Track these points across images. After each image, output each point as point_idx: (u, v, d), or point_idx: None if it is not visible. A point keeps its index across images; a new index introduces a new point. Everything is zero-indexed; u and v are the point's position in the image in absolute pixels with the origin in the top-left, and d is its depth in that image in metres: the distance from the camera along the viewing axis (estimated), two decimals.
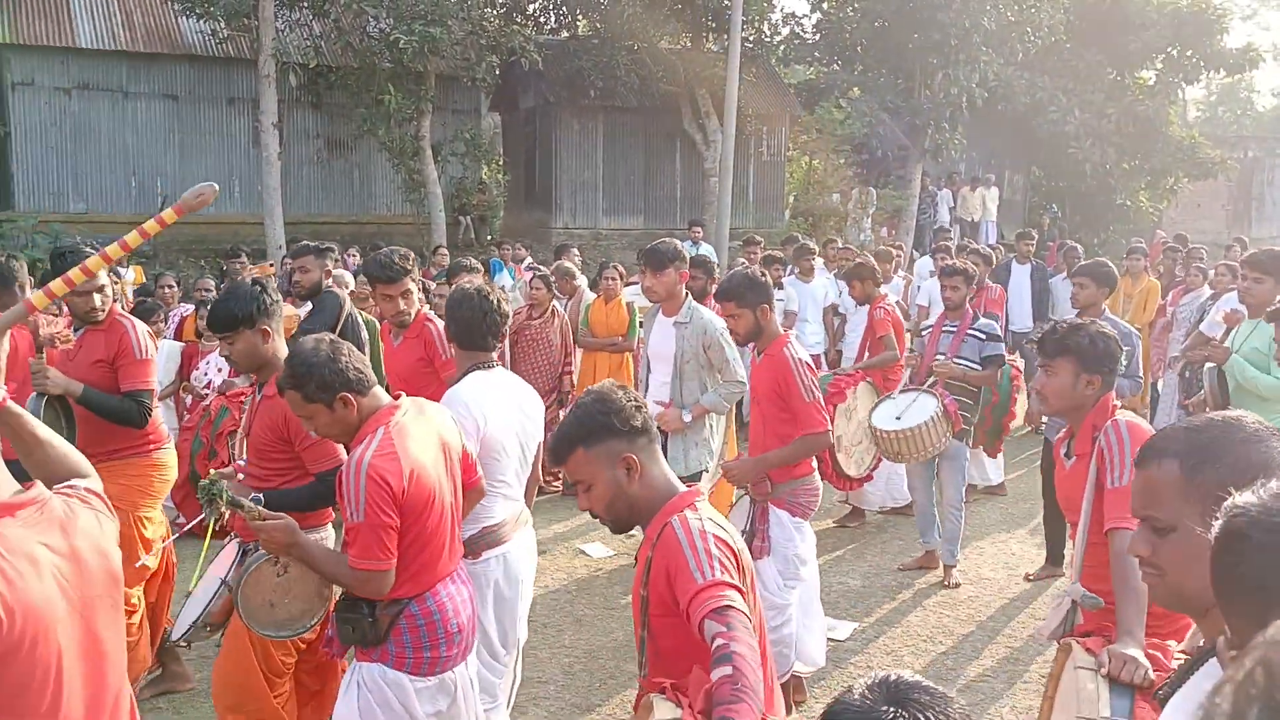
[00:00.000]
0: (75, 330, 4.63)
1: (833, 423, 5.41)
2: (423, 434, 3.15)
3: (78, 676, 1.91)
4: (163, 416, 7.11)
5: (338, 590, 3.29)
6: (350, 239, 15.19)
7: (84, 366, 4.45)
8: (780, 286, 9.30)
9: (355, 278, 8.50)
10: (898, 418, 6.09)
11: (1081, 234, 22.96)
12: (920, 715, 1.45)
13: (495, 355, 4.04)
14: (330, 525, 3.77)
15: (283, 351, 3.76)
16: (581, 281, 9.18)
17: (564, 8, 21.36)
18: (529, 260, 13.20)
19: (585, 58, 19.72)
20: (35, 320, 4.79)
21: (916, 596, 6.28)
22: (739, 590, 2.24)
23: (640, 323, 7.89)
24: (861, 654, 5.46)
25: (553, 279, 8.96)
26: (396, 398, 3.20)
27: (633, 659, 2.97)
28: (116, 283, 8.53)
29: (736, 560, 2.35)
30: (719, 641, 2.07)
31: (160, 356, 7.46)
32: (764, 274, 4.67)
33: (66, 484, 2.12)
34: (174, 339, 7.82)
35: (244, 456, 3.89)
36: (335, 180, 20.14)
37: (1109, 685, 2.53)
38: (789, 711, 4.71)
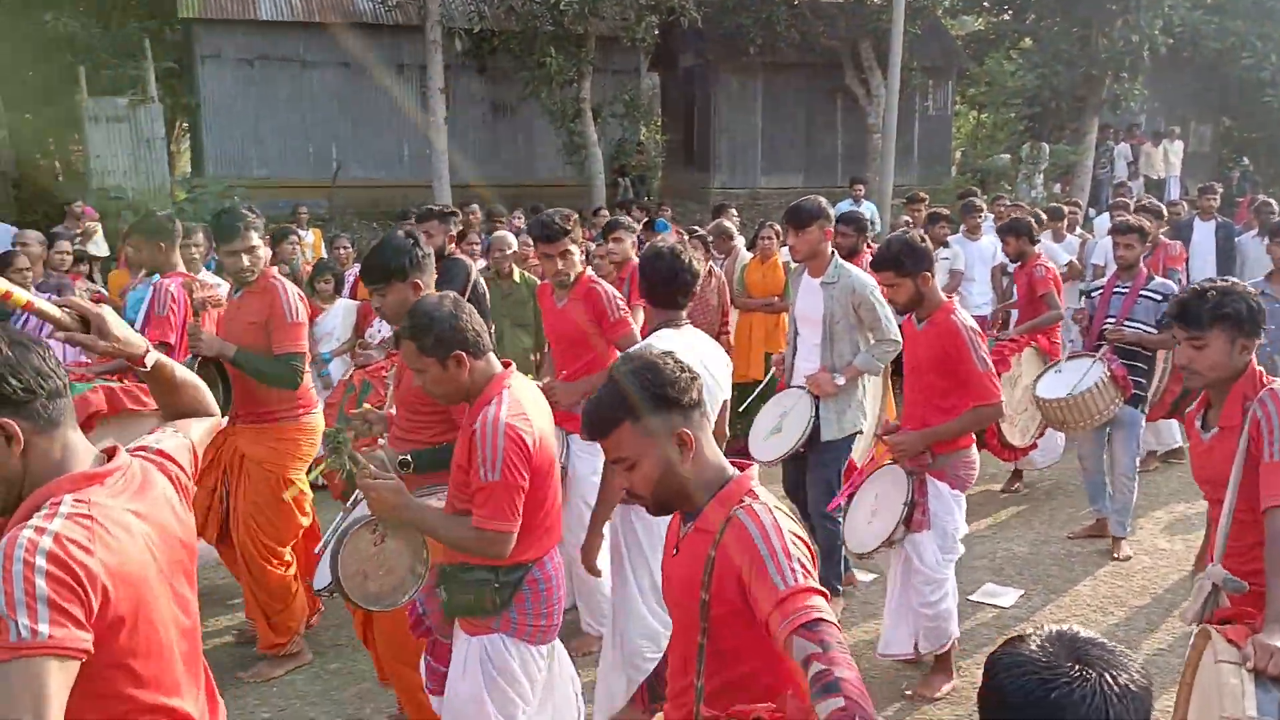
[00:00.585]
0: (235, 292, 4.76)
1: None
2: (537, 401, 3.13)
3: (174, 638, 1.99)
4: (338, 370, 7.49)
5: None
6: (514, 201, 15.50)
7: (240, 327, 4.54)
8: (946, 245, 9.04)
9: (518, 238, 8.70)
10: (1062, 386, 5.86)
11: (1276, 189, 21.45)
12: (1107, 675, 1.38)
13: (684, 314, 4.01)
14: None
15: None
16: (739, 241, 9.13)
17: None
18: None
19: (745, 14, 19.48)
20: (190, 284, 5.02)
21: (1086, 565, 6.06)
22: (824, 595, 2.03)
23: None
24: (1027, 621, 5.32)
25: (710, 239, 8.95)
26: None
27: None
28: (296, 242, 8.98)
29: (810, 554, 2.13)
30: (818, 666, 1.86)
31: (337, 314, 7.85)
32: (923, 239, 4.47)
33: (139, 444, 2.14)
34: (349, 298, 8.16)
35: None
36: (500, 143, 20.56)
37: (1254, 680, 2.35)
38: (949, 678, 4.64)
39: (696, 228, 10.10)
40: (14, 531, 1.75)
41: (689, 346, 3.81)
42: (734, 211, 11.09)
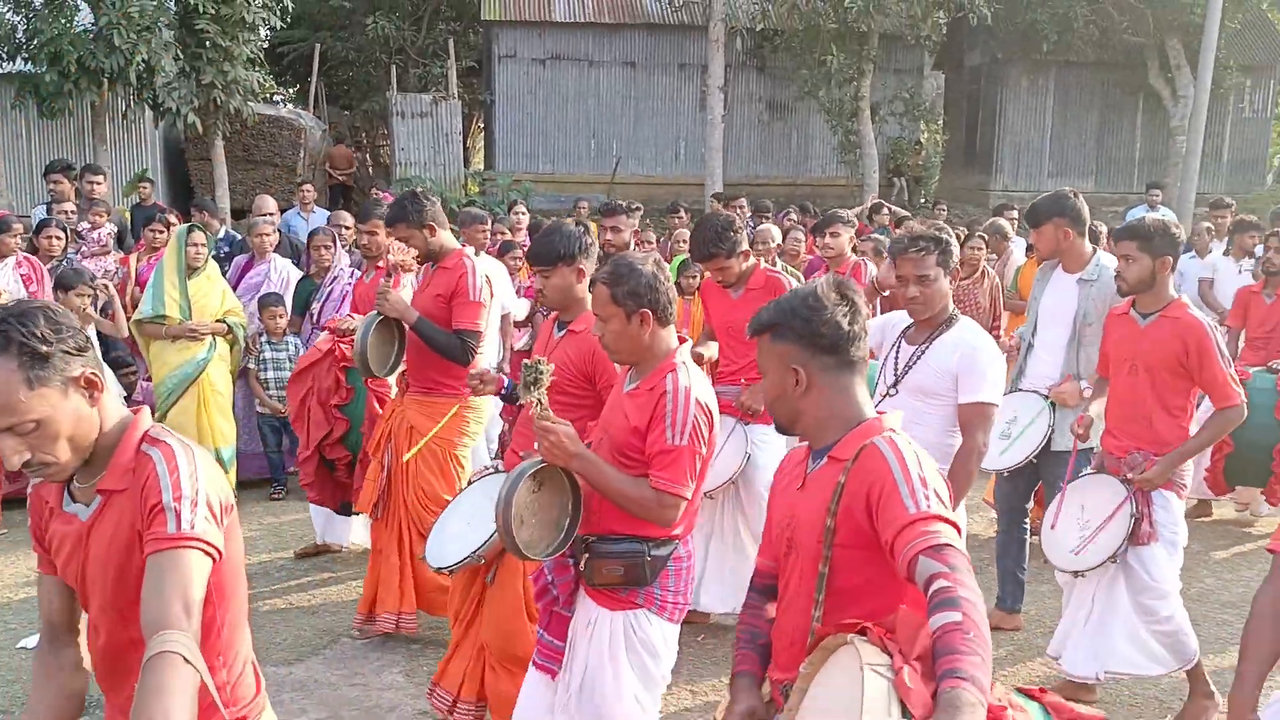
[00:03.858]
0: (432, 266, 4.78)
1: None
2: (706, 384, 3.08)
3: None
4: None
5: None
6: (785, 200, 15.53)
7: (427, 299, 4.66)
8: (1253, 256, 8.30)
9: (786, 236, 8.69)
10: None
11: None
12: None
13: None
14: None
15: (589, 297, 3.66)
16: (1015, 244, 8.75)
17: None
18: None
19: (1040, 9, 18.60)
20: (389, 246, 5.14)
21: None
22: (955, 527, 1.96)
23: None
24: None
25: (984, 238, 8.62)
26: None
27: None
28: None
29: (951, 492, 2.08)
30: (940, 584, 1.81)
31: None
32: (1178, 227, 4.14)
33: None
34: None
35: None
36: (774, 142, 20.63)
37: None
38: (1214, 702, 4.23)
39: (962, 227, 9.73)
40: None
41: None
42: (1015, 213, 10.63)
